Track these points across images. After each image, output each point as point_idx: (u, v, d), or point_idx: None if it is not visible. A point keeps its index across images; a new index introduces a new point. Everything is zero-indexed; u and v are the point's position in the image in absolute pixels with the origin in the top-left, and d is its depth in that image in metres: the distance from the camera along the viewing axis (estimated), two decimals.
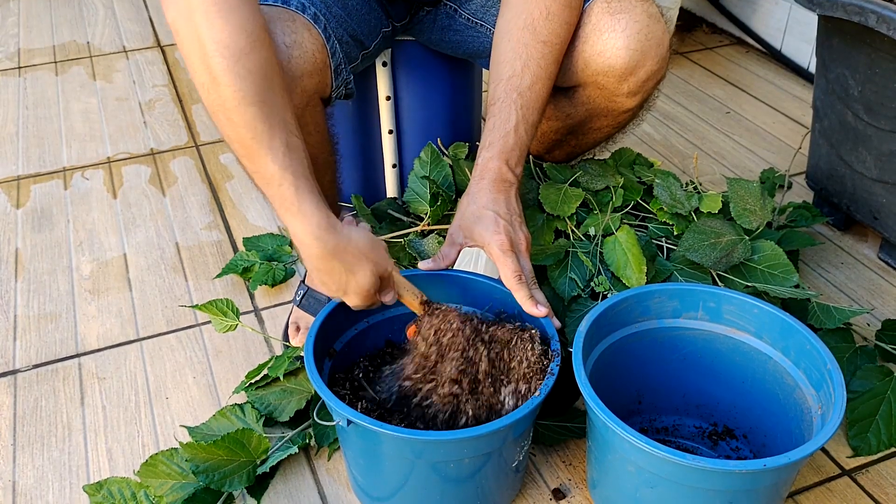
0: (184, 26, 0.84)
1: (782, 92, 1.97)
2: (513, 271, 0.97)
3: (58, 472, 1.07)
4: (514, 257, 0.98)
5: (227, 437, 1.01)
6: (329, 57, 1.05)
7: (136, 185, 1.66)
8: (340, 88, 1.11)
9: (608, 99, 1.13)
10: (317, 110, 1.09)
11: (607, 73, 1.08)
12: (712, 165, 1.70)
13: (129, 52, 2.22)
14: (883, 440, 1.08)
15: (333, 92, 1.09)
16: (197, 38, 0.83)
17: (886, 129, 1.28)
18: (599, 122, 1.20)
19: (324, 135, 1.14)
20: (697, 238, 1.16)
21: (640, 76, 1.08)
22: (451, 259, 1.04)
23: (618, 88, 1.10)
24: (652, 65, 1.07)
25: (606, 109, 1.15)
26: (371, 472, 0.94)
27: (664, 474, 0.84)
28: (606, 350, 1.00)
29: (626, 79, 1.08)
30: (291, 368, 1.13)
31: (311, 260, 0.91)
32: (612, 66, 1.07)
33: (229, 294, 1.37)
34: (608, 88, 1.10)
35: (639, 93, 1.11)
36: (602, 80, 1.09)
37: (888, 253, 1.41)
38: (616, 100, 1.12)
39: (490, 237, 0.99)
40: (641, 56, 1.06)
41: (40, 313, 1.34)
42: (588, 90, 1.13)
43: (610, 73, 1.07)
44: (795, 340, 0.95)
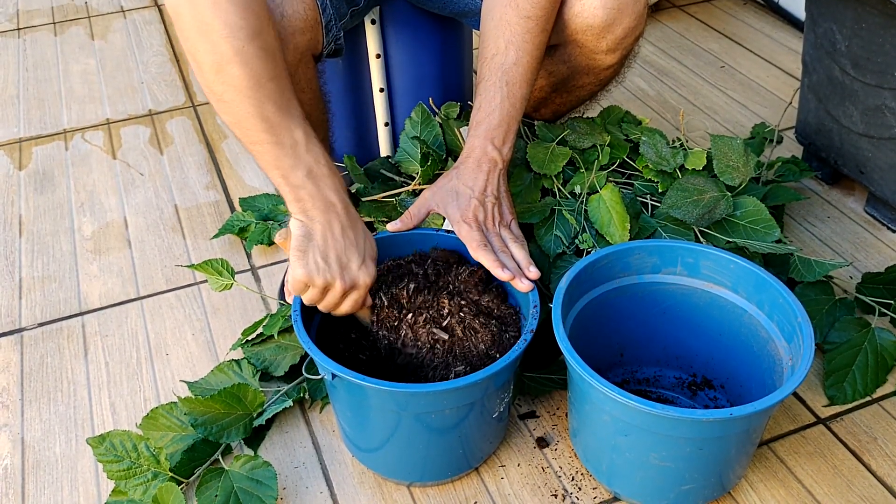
0: (187, 11, 0.85)
1: (778, 45, 1.96)
2: (475, 240, 1.00)
3: (64, 426, 1.13)
4: (479, 230, 1.01)
5: (225, 392, 1.05)
6: (320, 13, 1.06)
7: (135, 146, 1.69)
8: (331, 45, 1.12)
9: (588, 57, 1.14)
10: (309, 67, 1.11)
11: (586, 31, 1.09)
12: (704, 121, 1.71)
13: (126, 11, 2.23)
14: (858, 390, 1.12)
15: (324, 48, 1.11)
16: (202, 23, 0.84)
17: (872, 83, 1.29)
18: (582, 80, 1.21)
19: (316, 92, 1.16)
20: (680, 195, 1.18)
21: (617, 33, 1.09)
22: (419, 220, 1.07)
23: (597, 46, 1.11)
24: (629, 21, 1.09)
25: (588, 67, 1.17)
26: (358, 425, 0.98)
27: (636, 423, 0.88)
28: (588, 305, 1.04)
29: (604, 36, 1.10)
30: (286, 326, 1.17)
31: (339, 219, 0.93)
32: (591, 24, 1.08)
33: (226, 253, 1.41)
34: (587, 46, 1.12)
35: (617, 49, 1.12)
36: (581, 38, 1.11)
37: (874, 207, 1.43)
38: (596, 57, 1.14)
39: (455, 212, 1.03)
40: (618, 13, 1.07)
41: (44, 273, 1.38)
42: (569, 48, 1.15)
43: (588, 31, 1.09)
44: (769, 294, 0.98)
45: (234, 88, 0.87)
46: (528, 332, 0.93)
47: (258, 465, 1.00)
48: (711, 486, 0.97)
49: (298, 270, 0.92)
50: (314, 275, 0.92)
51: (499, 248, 1.02)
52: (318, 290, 0.93)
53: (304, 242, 0.92)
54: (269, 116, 0.89)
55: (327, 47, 1.11)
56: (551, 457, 1.06)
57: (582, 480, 1.03)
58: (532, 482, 1.03)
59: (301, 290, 0.94)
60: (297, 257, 0.92)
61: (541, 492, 1.02)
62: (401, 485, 1.03)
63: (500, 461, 1.06)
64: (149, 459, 0.99)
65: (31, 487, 1.05)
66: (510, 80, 1.05)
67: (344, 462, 1.07)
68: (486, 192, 1.04)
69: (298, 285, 0.93)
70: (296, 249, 0.92)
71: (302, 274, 0.92)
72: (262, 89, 0.88)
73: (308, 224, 0.93)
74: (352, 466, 1.06)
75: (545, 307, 1.01)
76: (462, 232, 1.02)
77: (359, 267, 0.94)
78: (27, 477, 1.06)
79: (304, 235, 0.92)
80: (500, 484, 1.03)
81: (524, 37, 1.05)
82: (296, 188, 0.92)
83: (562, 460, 1.06)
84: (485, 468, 1.05)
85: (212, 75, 0.87)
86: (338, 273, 0.92)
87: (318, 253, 0.92)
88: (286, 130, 0.91)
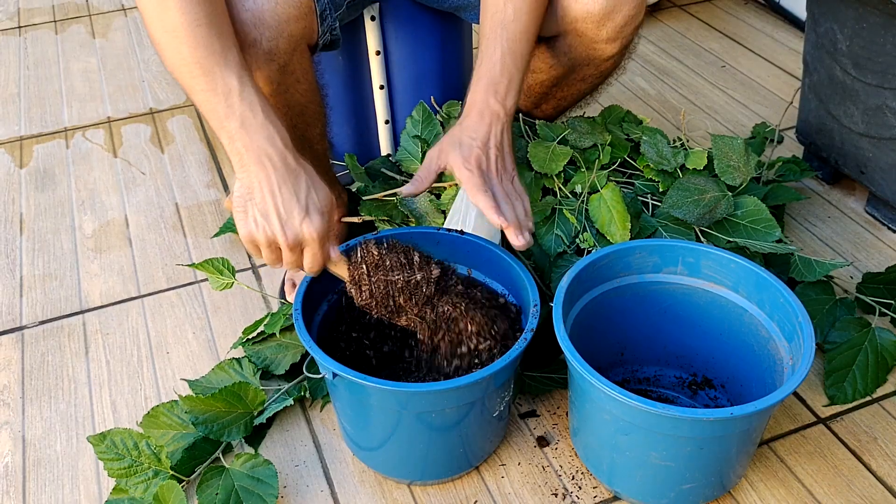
0: None
1: (779, 45, 1.96)
2: (475, 184, 0.98)
3: (65, 424, 1.13)
4: (480, 176, 0.99)
5: (226, 390, 1.05)
6: (314, 1, 1.06)
7: (136, 144, 1.69)
8: (326, 35, 1.11)
9: (588, 46, 1.14)
10: (304, 57, 1.10)
11: (585, 20, 1.09)
12: (705, 120, 1.71)
13: (127, 9, 2.23)
14: (858, 389, 1.12)
15: (320, 38, 1.11)
16: None
17: (873, 83, 1.29)
18: (583, 72, 1.21)
19: (312, 83, 1.15)
20: (681, 195, 1.18)
21: (617, 21, 1.09)
22: (428, 182, 1.05)
23: (597, 34, 1.11)
24: (629, 9, 1.09)
25: (588, 57, 1.17)
26: (359, 424, 0.98)
27: (637, 422, 0.88)
28: (589, 304, 1.04)
29: (603, 24, 1.10)
30: (287, 324, 1.17)
31: (276, 171, 0.90)
32: (590, 11, 1.08)
33: (227, 251, 1.41)
34: (587, 35, 1.12)
35: (617, 38, 1.12)
36: (581, 26, 1.11)
37: (874, 206, 1.43)
38: (596, 47, 1.14)
39: (457, 159, 1.00)
40: (618, 1, 1.07)
41: (45, 272, 1.38)
42: (569, 38, 1.15)
43: (588, 18, 1.09)
44: (770, 294, 0.98)
45: (171, 32, 0.88)
46: (529, 331, 0.93)
47: (259, 463, 1.00)
48: (712, 486, 0.97)
49: (240, 230, 0.90)
50: (255, 233, 0.90)
51: (501, 195, 1.00)
52: (267, 249, 0.91)
53: (243, 200, 0.90)
54: (202, 61, 0.88)
55: (322, 37, 1.11)
56: (552, 456, 1.06)
57: (582, 479, 1.03)
58: (532, 481, 1.03)
59: (254, 251, 0.93)
60: (238, 217, 0.90)
61: (541, 491, 1.02)
62: (401, 483, 1.03)
63: (500, 460, 1.06)
64: (150, 458, 0.99)
65: (31, 485, 1.05)
66: (510, 35, 1.05)
67: (344, 461, 1.07)
68: (489, 144, 1.03)
69: (248, 246, 0.92)
70: (236, 209, 0.90)
71: (244, 233, 0.90)
72: (196, 32, 0.88)
73: (247, 180, 0.90)
74: (352, 465, 1.06)
75: (545, 306, 1.01)
76: (463, 177, 1.00)
77: (301, 220, 0.90)
78: (28, 475, 1.06)
79: (244, 193, 0.90)
80: (501, 483, 1.03)
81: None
82: (232, 140, 0.90)
83: (562, 459, 1.06)
84: (485, 467, 1.05)
85: (152, 18, 0.88)
86: (278, 228, 0.89)
87: (258, 210, 0.90)
88: (220, 77, 0.89)
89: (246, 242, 0.92)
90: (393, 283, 0.96)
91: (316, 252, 0.93)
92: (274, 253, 0.92)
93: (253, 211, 0.90)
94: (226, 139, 0.91)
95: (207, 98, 0.90)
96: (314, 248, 0.92)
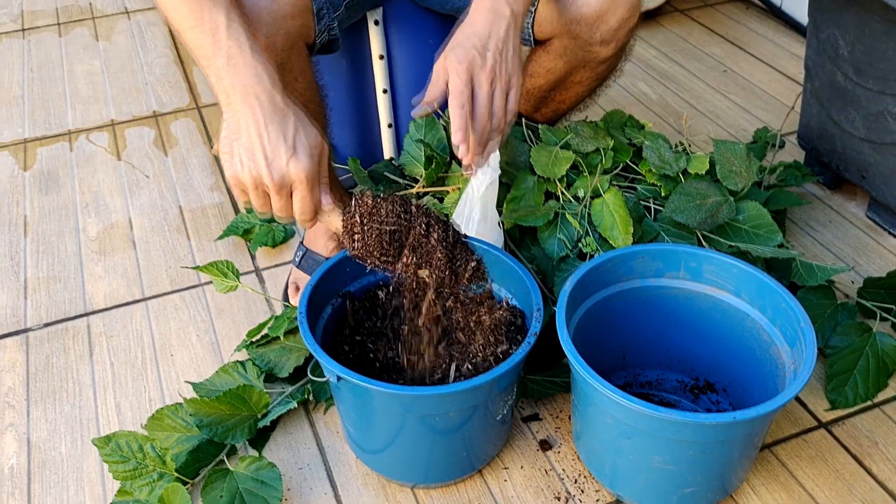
0: None
1: (780, 49, 1.97)
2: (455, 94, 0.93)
3: (69, 426, 1.13)
4: (466, 83, 0.93)
5: (230, 393, 1.06)
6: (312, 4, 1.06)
7: (140, 147, 1.70)
8: (324, 34, 1.11)
9: (583, 49, 1.15)
10: (301, 56, 1.10)
11: (579, 22, 1.10)
12: (707, 125, 1.71)
13: (130, 13, 2.24)
14: (859, 394, 1.12)
15: (317, 38, 1.11)
16: None
17: (874, 89, 1.30)
18: (579, 75, 1.22)
19: (310, 83, 1.15)
20: (683, 199, 1.19)
21: (611, 24, 1.10)
22: (440, 90, 0.97)
23: (591, 37, 1.12)
24: (623, 12, 1.10)
25: (583, 60, 1.17)
26: (363, 426, 0.99)
27: (640, 426, 0.89)
28: (591, 308, 1.04)
29: (597, 26, 1.10)
30: (291, 327, 1.18)
31: (263, 109, 0.87)
32: (584, 13, 1.09)
33: (231, 254, 1.42)
34: (581, 38, 1.12)
35: (612, 41, 1.13)
36: (575, 28, 1.11)
37: (875, 211, 1.43)
38: (591, 49, 1.14)
39: (452, 64, 0.94)
40: (611, 4, 1.08)
41: (49, 274, 1.39)
42: (563, 40, 1.15)
43: (582, 20, 1.10)
44: (772, 299, 0.99)
45: None
46: (532, 335, 0.93)
47: (263, 466, 1.01)
48: (714, 490, 0.97)
49: (226, 171, 0.88)
50: (240, 173, 0.87)
51: (482, 106, 0.95)
52: (255, 192, 0.88)
53: (229, 140, 0.87)
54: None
55: (320, 37, 1.10)
56: (554, 459, 1.07)
57: (585, 483, 1.04)
58: (535, 485, 1.04)
59: (240, 196, 0.90)
60: (224, 158, 0.88)
61: (544, 494, 1.03)
62: (405, 486, 1.04)
63: (503, 463, 1.06)
64: (154, 460, 0.99)
65: (36, 487, 1.06)
66: None
67: (348, 463, 1.07)
68: (488, 45, 0.96)
69: (234, 190, 0.89)
70: (222, 150, 0.88)
71: (229, 174, 0.87)
72: None
73: (233, 119, 0.87)
74: (356, 468, 1.07)
75: (548, 310, 1.02)
76: (452, 85, 0.94)
77: (288, 160, 0.86)
78: (33, 477, 1.07)
79: (230, 133, 0.87)
80: (504, 486, 1.04)
81: None
82: (220, 78, 0.88)
83: (565, 463, 1.06)
84: (488, 470, 1.06)
85: None
86: (264, 167, 0.86)
87: (244, 149, 0.87)
88: (207, 13, 0.87)
89: (232, 185, 0.89)
90: (387, 232, 0.91)
91: (305, 195, 0.89)
92: (261, 197, 0.89)
93: (239, 151, 0.87)
94: (213, 77, 0.88)
95: (196, 36, 0.88)
96: (302, 190, 0.88)
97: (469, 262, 0.95)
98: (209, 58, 0.88)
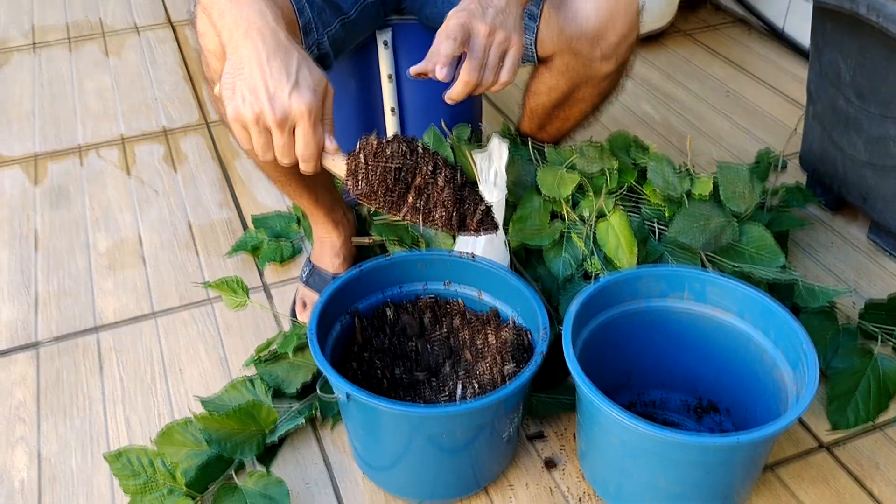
0: None
1: (783, 72, 1.99)
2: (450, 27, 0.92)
3: (80, 441, 1.14)
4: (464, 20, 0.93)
5: (239, 409, 1.07)
6: (296, 15, 1.07)
7: (149, 163, 1.72)
8: (313, 49, 1.12)
9: (585, 65, 1.17)
10: None
11: (580, 38, 1.12)
12: (709, 146, 1.73)
13: (140, 29, 2.26)
14: (861, 416, 1.14)
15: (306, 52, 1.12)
16: None
17: (876, 113, 1.32)
18: (583, 92, 1.24)
19: None
20: (687, 221, 1.20)
21: (610, 39, 1.12)
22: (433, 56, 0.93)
23: (592, 53, 1.14)
24: (622, 28, 1.12)
25: (586, 76, 1.19)
26: (370, 444, 1.00)
27: (645, 447, 0.90)
28: (597, 328, 1.06)
29: (597, 42, 1.12)
30: (300, 344, 1.19)
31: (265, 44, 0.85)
32: (584, 29, 1.11)
33: (239, 270, 1.43)
34: (583, 54, 1.15)
35: (612, 56, 1.15)
36: (576, 45, 1.14)
37: (877, 234, 1.45)
38: (593, 65, 1.16)
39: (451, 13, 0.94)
40: (610, 19, 1.10)
41: (60, 289, 1.40)
42: (565, 58, 1.17)
43: (582, 37, 1.12)
44: (775, 321, 1.00)
45: None
46: (539, 355, 0.95)
47: (272, 482, 1.02)
48: None
49: (227, 109, 0.85)
50: (241, 109, 0.84)
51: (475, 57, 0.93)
52: (256, 129, 0.85)
53: (231, 77, 0.85)
54: None
55: (309, 51, 1.11)
56: (559, 478, 1.08)
57: (589, 502, 1.05)
58: (540, 503, 1.05)
59: (242, 136, 0.87)
60: (226, 95, 0.86)
61: None
62: (411, 503, 1.05)
63: (508, 482, 1.08)
64: (164, 475, 1.01)
65: (47, 501, 1.07)
66: None
67: (355, 480, 1.08)
68: (490, 3, 0.95)
69: (236, 129, 0.87)
70: (224, 87, 0.86)
71: (231, 112, 0.85)
72: None
73: (236, 57, 0.86)
74: (362, 485, 1.08)
75: (553, 329, 1.03)
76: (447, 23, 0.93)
77: (290, 93, 0.84)
78: (44, 491, 1.08)
79: (232, 70, 0.86)
80: None
81: None
82: (222, 15, 0.87)
83: (569, 481, 1.08)
84: (494, 488, 1.07)
85: None
86: (266, 102, 0.83)
87: (245, 85, 0.84)
88: None
89: (233, 123, 0.86)
90: (392, 169, 0.89)
91: (307, 130, 0.86)
92: (263, 135, 0.86)
93: (241, 87, 0.85)
94: (216, 16, 0.87)
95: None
96: (305, 125, 0.85)
97: (478, 206, 0.92)
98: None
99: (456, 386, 1.02)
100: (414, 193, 0.90)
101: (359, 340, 1.09)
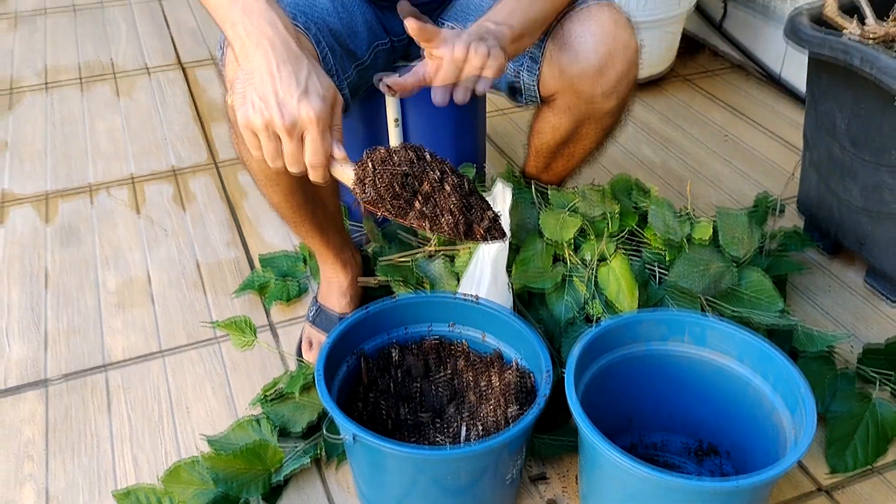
0: None
1: (779, 117, 2.04)
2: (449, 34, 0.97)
3: (87, 478, 1.16)
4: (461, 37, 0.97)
5: (245, 449, 1.09)
6: (320, 60, 1.10)
7: (159, 203, 1.75)
8: None
9: (587, 103, 1.20)
10: None
11: (581, 76, 1.16)
12: (709, 190, 1.77)
13: (151, 70, 2.31)
14: (859, 459, 1.15)
15: None
16: None
17: (870, 161, 1.35)
18: (586, 129, 1.27)
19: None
20: (687, 266, 1.23)
21: (610, 77, 1.16)
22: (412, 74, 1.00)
23: (593, 90, 1.17)
24: (621, 66, 1.15)
25: (588, 113, 1.23)
26: (375, 484, 1.02)
27: (646, 490, 0.91)
28: (598, 372, 1.08)
29: (598, 81, 1.16)
30: (306, 383, 1.21)
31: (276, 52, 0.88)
32: (584, 69, 1.15)
33: (246, 309, 1.45)
34: (585, 92, 1.18)
35: (613, 93, 1.18)
36: (578, 83, 1.17)
37: (873, 278, 1.47)
38: (594, 103, 1.20)
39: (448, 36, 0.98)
40: (609, 58, 1.14)
41: (69, 326, 1.42)
42: (567, 96, 1.21)
43: (583, 75, 1.15)
44: (774, 366, 1.02)
45: None
46: (542, 397, 0.97)
47: None
48: None
49: (238, 116, 0.88)
50: (251, 116, 0.87)
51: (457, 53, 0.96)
52: (265, 136, 0.88)
53: (243, 85, 0.88)
54: None
55: None
56: None
57: None
58: None
59: (252, 142, 0.89)
60: (237, 103, 0.88)
61: None
62: None
63: None
64: None
65: None
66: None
67: None
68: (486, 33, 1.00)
69: (246, 136, 0.89)
70: (236, 96, 0.88)
71: (241, 118, 0.87)
72: None
73: (247, 66, 0.89)
74: None
75: (556, 371, 1.05)
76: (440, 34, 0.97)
77: (299, 101, 0.86)
78: None
79: (244, 78, 0.89)
80: None
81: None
82: (234, 26, 0.89)
83: None
84: None
85: None
86: (275, 108, 0.86)
87: (256, 92, 0.87)
88: None
89: (243, 129, 0.88)
90: (400, 174, 0.90)
91: (316, 138, 0.88)
92: (273, 141, 0.88)
93: (251, 94, 0.87)
94: (228, 27, 0.90)
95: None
96: (313, 132, 0.87)
97: (485, 214, 0.93)
98: (226, 8, 0.90)
99: (460, 427, 1.04)
100: (421, 199, 0.91)
101: (364, 381, 1.11)
